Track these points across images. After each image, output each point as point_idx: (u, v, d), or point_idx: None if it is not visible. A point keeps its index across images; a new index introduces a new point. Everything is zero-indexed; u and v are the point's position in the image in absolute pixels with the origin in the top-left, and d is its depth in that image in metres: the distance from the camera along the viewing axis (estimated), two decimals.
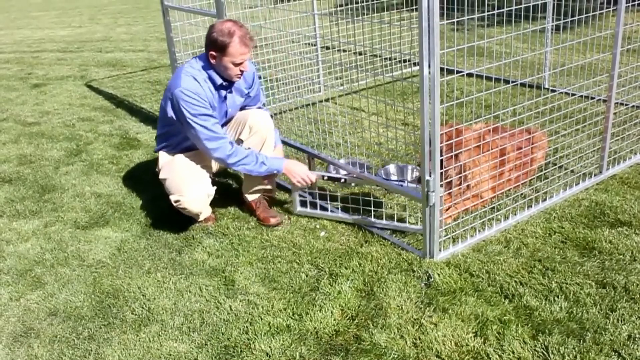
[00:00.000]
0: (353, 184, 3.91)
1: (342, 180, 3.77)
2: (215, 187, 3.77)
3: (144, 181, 4.67)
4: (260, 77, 4.04)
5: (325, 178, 3.84)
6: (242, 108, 3.99)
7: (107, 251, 3.73)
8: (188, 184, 3.63)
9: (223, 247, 3.66)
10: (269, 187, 3.95)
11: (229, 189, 4.33)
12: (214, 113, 3.60)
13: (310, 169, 3.87)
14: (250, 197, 3.96)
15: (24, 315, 3.17)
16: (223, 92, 3.70)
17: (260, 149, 3.81)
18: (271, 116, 3.97)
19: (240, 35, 3.44)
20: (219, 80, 3.61)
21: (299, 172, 3.72)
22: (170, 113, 3.60)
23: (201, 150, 3.65)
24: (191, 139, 3.63)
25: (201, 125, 3.51)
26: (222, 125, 3.85)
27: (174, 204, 3.65)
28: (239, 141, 3.81)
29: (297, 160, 3.96)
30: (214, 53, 3.49)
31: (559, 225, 3.61)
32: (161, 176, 3.77)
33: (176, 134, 3.76)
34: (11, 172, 5.06)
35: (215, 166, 3.92)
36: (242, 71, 3.56)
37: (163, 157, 3.88)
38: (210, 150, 3.57)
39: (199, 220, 3.81)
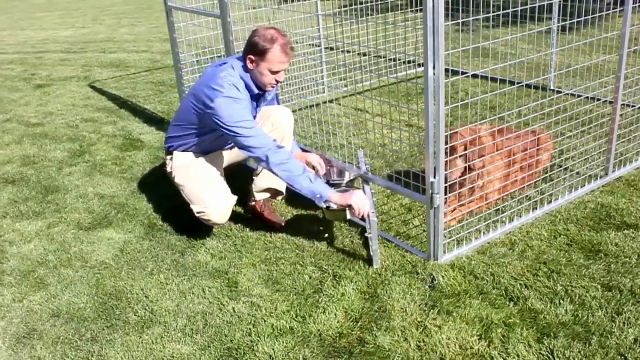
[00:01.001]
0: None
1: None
2: (236, 197, 3.72)
3: (147, 182, 4.68)
4: None
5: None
6: None
7: (110, 252, 3.74)
8: (211, 195, 3.59)
9: (226, 249, 3.66)
10: (280, 187, 3.92)
11: (233, 191, 4.32)
12: (253, 117, 3.59)
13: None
14: (258, 196, 3.93)
15: (26, 317, 3.18)
16: (255, 103, 3.70)
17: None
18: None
19: (282, 43, 3.43)
20: (255, 90, 3.58)
21: (352, 201, 3.37)
22: (203, 119, 3.54)
23: (241, 150, 3.53)
24: (231, 140, 3.55)
25: (246, 127, 3.41)
26: None
27: (196, 214, 3.60)
28: None
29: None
30: (252, 57, 3.46)
31: (564, 227, 3.61)
32: (177, 181, 3.74)
33: (198, 135, 3.71)
34: (14, 172, 5.08)
35: (226, 161, 3.91)
36: (277, 81, 3.54)
37: (177, 158, 3.82)
38: (254, 153, 3.43)
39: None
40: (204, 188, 3.63)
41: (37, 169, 5.13)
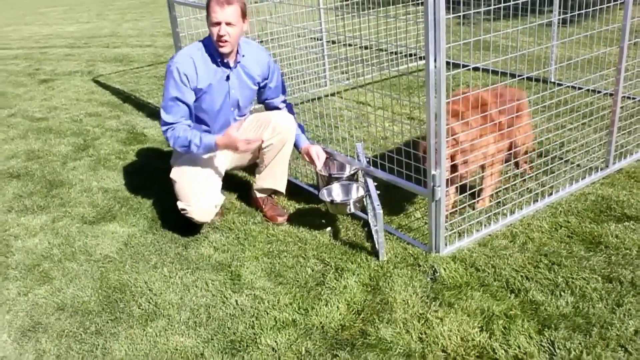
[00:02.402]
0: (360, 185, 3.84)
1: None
2: (223, 197, 3.73)
3: (151, 176, 4.67)
4: (279, 69, 3.99)
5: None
6: (264, 101, 3.97)
7: (114, 246, 3.73)
8: (196, 194, 3.57)
9: (229, 242, 3.65)
10: (280, 189, 3.94)
11: (235, 184, 4.32)
12: (184, 97, 3.54)
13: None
14: (259, 194, 3.96)
15: (32, 310, 3.18)
16: (226, 71, 3.63)
17: (279, 149, 3.79)
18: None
19: None
20: (216, 54, 3.56)
21: (234, 141, 3.49)
22: None
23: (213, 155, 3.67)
24: None
25: (163, 101, 3.56)
26: (239, 116, 3.84)
27: (181, 211, 3.60)
28: (261, 141, 3.75)
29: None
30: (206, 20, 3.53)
31: (565, 219, 3.59)
32: (172, 175, 3.74)
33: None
34: (19, 167, 5.07)
35: (228, 164, 3.90)
36: (221, 36, 3.44)
37: (176, 152, 3.83)
38: (161, 127, 3.63)
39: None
40: (192, 187, 3.60)
41: (42, 163, 5.12)
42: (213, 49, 3.55)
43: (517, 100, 3.69)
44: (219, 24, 3.43)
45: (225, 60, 3.59)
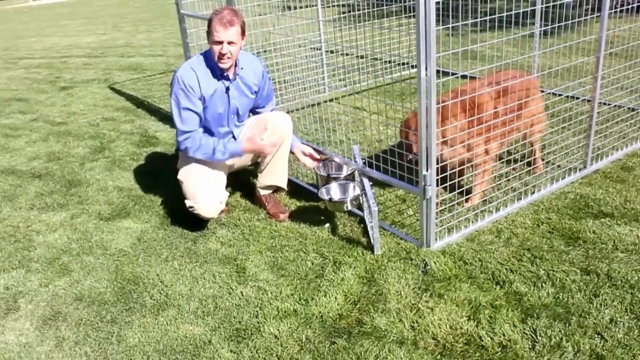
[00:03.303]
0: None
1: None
2: (228, 193, 3.73)
3: (162, 176, 4.65)
4: (270, 79, 3.98)
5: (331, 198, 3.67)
6: (255, 109, 3.95)
7: (128, 241, 3.72)
8: (202, 192, 3.57)
9: (235, 237, 3.64)
10: (281, 184, 3.93)
11: (240, 183, 4.30)
12: (195, 107, 3.51)
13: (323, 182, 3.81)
14: (262, 192, 3.94)
15: (52, 300, 3.17)
16: (226, 83, 3.60)
17: (277, 150, 3.78)
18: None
19: (221, 16, 3.38)
20: (217, 68, 3.52)
21: (261, 147, 3.61)
22: None
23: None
24: None
25: (175, 113, 3.50)
26: (239, 122, 3.82)
27: (188, 209, 3.60)
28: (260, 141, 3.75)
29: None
30: (207, 34, 3.49)
31: (546, 216, 3.58)
32: (179, 177, 3.73)
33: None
34: (41, 168, 5.06)
35: (233, 165, 3.88)
36: (223, 54, 3.42)
37: (182, 157, 3.83)
38: (177, 137, 3.58)
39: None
40: (198, 185, 3.59)
41: (62, 164, 5.11)
42: (214, 63, 3.51)
43: (523, 91, 3.67)
44: (221, 42, 3.40)
45: (225, 74, 3.57)
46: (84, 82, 8.40)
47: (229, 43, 3.40)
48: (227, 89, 3.63)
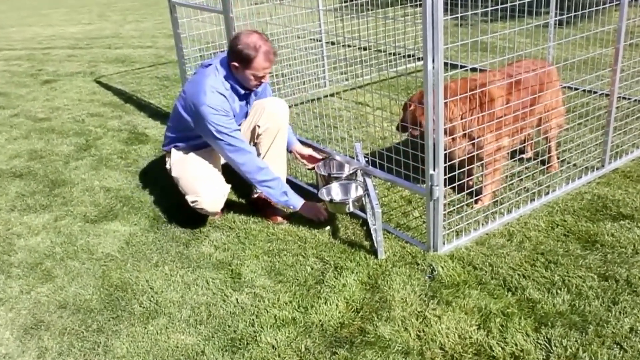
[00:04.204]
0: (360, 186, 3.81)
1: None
2: (229, 185, 3.76)
3: (152, 175, 4.66)
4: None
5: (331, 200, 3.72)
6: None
7: (116, 245, 3.72)
8: (204, 185, 3.61)
9: (230, 241, 3.65)
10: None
11: (236, 182, 4.30)
12: (238, 127, 3.63)
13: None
14: (259, 190, 3.90)
15: (34, 308, 3.17)
16: (244, 100, 3.74)
17: (275, 135, 3.79)
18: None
19: (265, 50, 3.45)
20: (241, 91, 3.64)
21: (314, 214, 3.71)
22: (191, 124, 3.61)
23: (228, 161, 3.70)
24: (217, 151, 3.68)
25: (229, 143, 3.53)
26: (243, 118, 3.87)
27: (191, 204, 3.62)
28: (256, 127, 3.78)
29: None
30: (236, 64, 3.50)
31: (561, 218, 3.58)
32: (174, 174, 3.75)
33: (191, 138, 3.75)
34: (22, 167, 5.06)
35: (223, 160, 3.91)
36: (261, 82, 3.60)
37: (174, 154, 3.85)
38: (238, 164, 3.59)
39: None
40: (198, 179, 3.64)
41: (44, 163, 5.11)
42: (240, 86, 3.62)
43: (540, 84, 3.70)
44: (264, 76, 3.55)
45: (247, 92, 3.70)
46: (68, 75, 8.41)
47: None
48: (246, 103, 3.78)
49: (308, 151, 3.95)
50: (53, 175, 4.84)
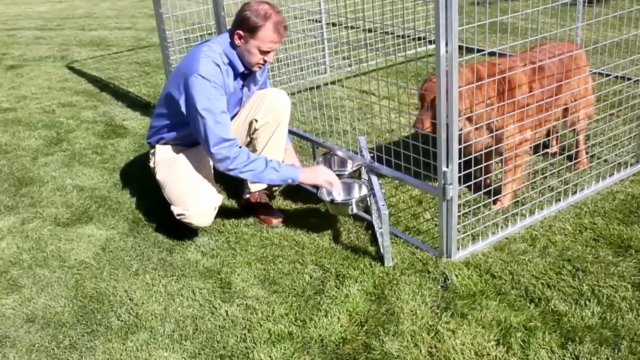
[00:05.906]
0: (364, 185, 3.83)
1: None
2: (222, 196, 3.74)
3: (132, 173, 4.67)
4: None
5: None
6: None
7: (91, 251, 3.74)
8: (192, 195, 3.57)
9: (218, 246, 3.66)
10: None
11: (226, 182, 4.32)
12: (227, 108, 3.58)
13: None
14: (253, 188, 3.89)
15: None
16: (241, 82, 3.73)
17: (274, 130, 3.80)
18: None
19: (276, 21, 3.46)
20: (240, 68, 3.62)
21: (321, 179, 3.58)
22: (179, 102, 3.55)
23: (202, 148, 3.60)
24: (193, 132, 3.56)
25: (210, 119, 3.42)
26: (239, 107, 3.89)
27: (177, 217, 3.59)
28: (253, 121, 3.79)
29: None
30: (241, 33, 3.48)
31: (590, 221, 3.59)
32: (159, 177, 3.74)
33: (180, 126, 3.71)
34: None
35: None
36: (265, 61, 3.58)
37: (160, 152, 3.84)
38: (211, 148, 3.44)
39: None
40: (187, 188, 3.60)
41: (10, 159, 5.12)
42: (238, 63, 3.60)
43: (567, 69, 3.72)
44: (269, 53, 3.54)
45: (245, 72, 3.69)
46: (36, 60, 8.42)
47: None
48: (243, 86, 3.77)
49: (291, 161, 3.93)
50: (19, 172, 4.85)
